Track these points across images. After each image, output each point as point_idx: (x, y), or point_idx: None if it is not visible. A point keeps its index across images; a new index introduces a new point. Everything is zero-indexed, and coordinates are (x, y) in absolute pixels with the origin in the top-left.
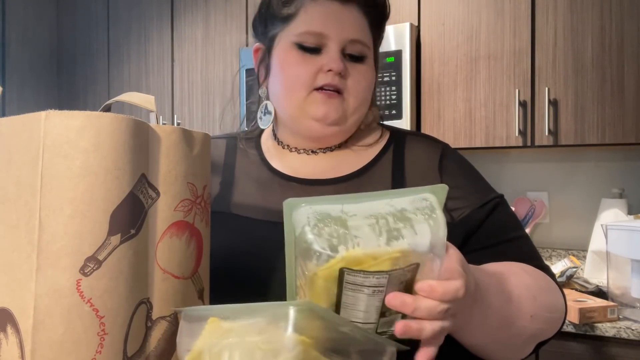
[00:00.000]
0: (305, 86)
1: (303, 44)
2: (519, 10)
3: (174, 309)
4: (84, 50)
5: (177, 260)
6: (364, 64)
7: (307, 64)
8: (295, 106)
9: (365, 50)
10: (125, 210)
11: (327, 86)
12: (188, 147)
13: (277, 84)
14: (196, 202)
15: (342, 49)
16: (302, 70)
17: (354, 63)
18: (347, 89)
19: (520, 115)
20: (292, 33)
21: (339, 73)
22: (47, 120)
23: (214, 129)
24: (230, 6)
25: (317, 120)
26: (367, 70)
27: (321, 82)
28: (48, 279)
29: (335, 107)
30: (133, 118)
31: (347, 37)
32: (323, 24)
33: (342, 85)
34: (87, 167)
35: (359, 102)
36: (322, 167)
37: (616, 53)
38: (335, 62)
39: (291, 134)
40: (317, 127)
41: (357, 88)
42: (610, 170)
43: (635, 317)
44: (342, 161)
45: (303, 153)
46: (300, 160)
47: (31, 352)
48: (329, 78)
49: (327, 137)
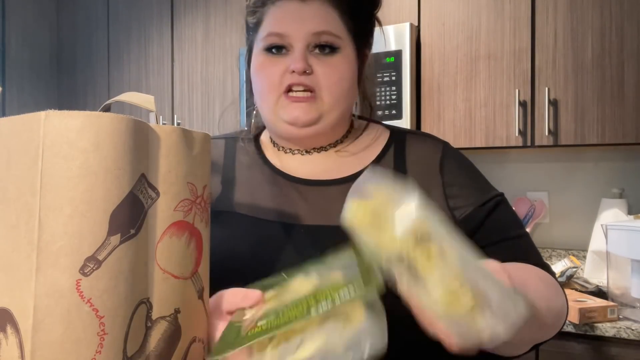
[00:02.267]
0: (274, 89)
1: (268, 46)
2: (519, 10)
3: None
4: (84, 50)
5: (177, 260)
6: (335, 55)
7: (274, 65)
8: (270, 110)
9: (336, 40)
10: (125, 210)
11: (294, 86)
12: (188, 147)
13: (255, 89)
14: (196, 202)
15: (308, 45)
16: (270, 72)
17: (324, 57)
18: (319, 85)
19: (520, 115)
20: (259, 39)
21: (304, 72)
22: (46, 120)
23: (214, 129)
24: (230, 7)
25: (290, 124)
26: (340, 62)
27: (286, 83)
28: (48, 279)
29: (305, 110)
30: (133, 118)
31: (309, 31)
32: (283, 24)
33: (310, 82)
34: (86, 167)
35: (334, 97)
36: (321, 168)
37: (616, 53)
38: (296, 61)
39: (276, 137)
40: (292, 130)
41: (329, 82)
42: (610, 170)
43: (635, 317)
44: (342, 162)
45: (297, 154)
46: (297, 161)
47: (31, 352)
48: (295, 78)
49: (307, 139)
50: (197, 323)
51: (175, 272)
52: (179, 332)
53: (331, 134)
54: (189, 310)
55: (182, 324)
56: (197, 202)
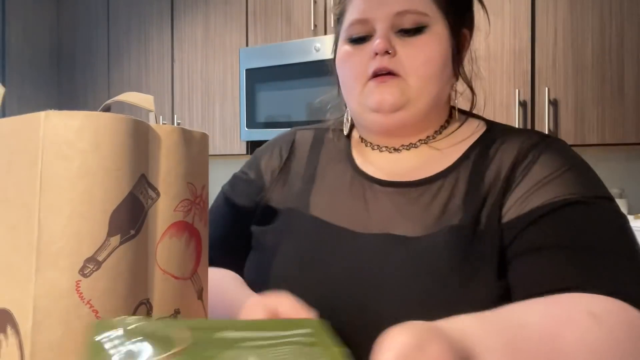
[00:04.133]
0: (359, 79)
1: (352, 36)
2: (519, 10)
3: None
4: (84, 49)
5: (177, 260)
6: (422, 35)
7: (357, 55)
8: (356, 102)
9: (422, 19)
10: (125, 210)
11: (378, 71)
12: (188, 147)
13: (341, 82)
14: (195, 202)
15: (392, 26)
16: (354, 61)
17: (408, 38)
18: (403, 68)
19: (520, 115)
20: (343, 29)
21: (386, 52)
22: (46, 120)
23: (214, 129)
24: (230, 6)
25: (375, 111)
26: (427, 42)
27: (371, 69)
28: (47, 280)
29: (389, 91)
30: (132, 118)
31: (390, 12)
32: (365, 9)
33: (394, 65)
34: (86, 167)
35: (422, 80)
36: (408, 166)
37: (616, 53)
38: (378, 43)
39: (364, 132)
40: (379, 119)
41: (414, 64)
42: (610, 170)
43: None
44: (429, 159)
45: (385, 151)
46: (384, 159)
47: (31, 353)
48: (377, 62)
49: (396, 129)
50: None
51: (175, 272)
52: None
53: (422, 125)
54: (189, 311)
55: None
56: (197, 202)
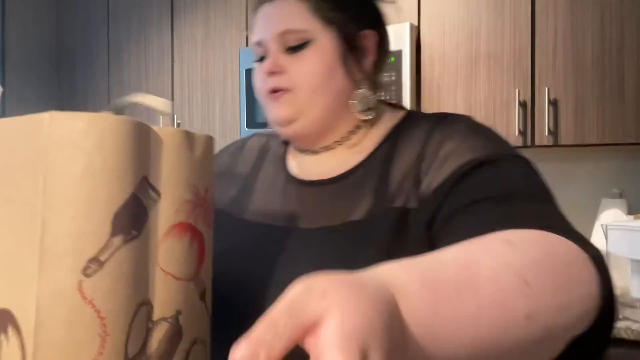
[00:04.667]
0: (261, 95)
1: (256, 56)
2: (519, 10)
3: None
4: (84, 50)
5: (179, 261)
6: (305, 49)
7: (259, 73)
8: (267, 115)
9: (303, 35)
10: (128, 211)
11: (270, 89)
12: (190, 150)
13: None
14: (198, 204)
15: (281, 45)
16: (257, 80)
17: (295, 54)
18: (292, 82)
19: (520, 115)
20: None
21: (272, 72)
22: (51, 121)
23: (214, 129)
24: (230, 6)
25: (277, 124)
26: (309, 56)
27: (266, 88)
28: (50, 280)
29: (281, 106)
30: (135, 120)
31: (275, 32)
32: (257, 32)
33: (283, 82)
34: (90, 168)
35: (309, 92)
36: (328, 167)
37: (616, 53)
38: (264, 65)
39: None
40: (282, 130)
41: (301, 76)
42: (610, 170)
43: (635, 317)
44: (346, 158)
45: (309, 154)
46: (308, 161)
47: (32, 353)
48: (269, 81)
49: (297, 139)
50: (199, 324)
51: (177, 273)
52: (181, 334)
53: (326, 131)
54: (191, 312)
55: (184, 326)
56: (200, 204)
